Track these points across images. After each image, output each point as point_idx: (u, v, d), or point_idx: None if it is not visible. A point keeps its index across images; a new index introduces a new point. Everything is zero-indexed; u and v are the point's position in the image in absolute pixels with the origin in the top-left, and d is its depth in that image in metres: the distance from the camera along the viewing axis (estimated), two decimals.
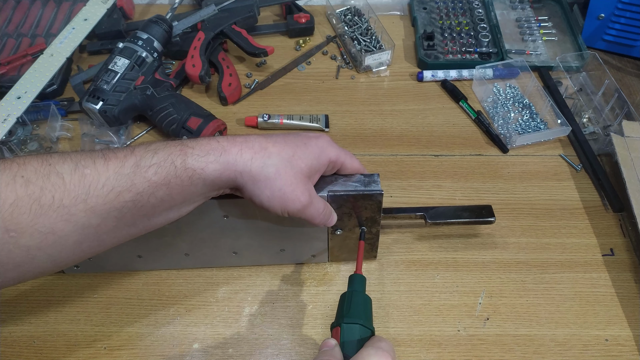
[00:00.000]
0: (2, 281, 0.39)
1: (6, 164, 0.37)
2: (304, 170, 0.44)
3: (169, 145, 0.41)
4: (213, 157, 0.41)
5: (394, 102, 0.74)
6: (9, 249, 0.37)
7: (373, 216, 0.52)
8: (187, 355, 0.52)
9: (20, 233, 0.36)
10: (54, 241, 0.38)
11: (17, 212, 0.36)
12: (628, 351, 0.52)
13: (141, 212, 0.41)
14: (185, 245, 0.55)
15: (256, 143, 0.43)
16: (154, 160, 0.40)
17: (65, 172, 0.38)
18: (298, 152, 0.44)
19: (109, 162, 0.39)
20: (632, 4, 0.74)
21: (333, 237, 0.54)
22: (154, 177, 0.40)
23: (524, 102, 0.73)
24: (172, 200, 0.42)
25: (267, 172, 0.42)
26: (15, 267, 0.38)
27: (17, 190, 0.36)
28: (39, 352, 0.52)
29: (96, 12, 0.76)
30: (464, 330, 0.53)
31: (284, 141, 0.44)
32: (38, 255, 0.38)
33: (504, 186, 0.65)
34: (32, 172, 0.37)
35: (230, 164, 0.42)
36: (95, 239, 0.40)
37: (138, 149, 0.41)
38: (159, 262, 0.56)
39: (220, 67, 0.74)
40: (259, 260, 0.57)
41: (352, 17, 0.83)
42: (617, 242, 0.60)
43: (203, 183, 0.42)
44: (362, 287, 0.46)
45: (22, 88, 0.68)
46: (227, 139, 0.43)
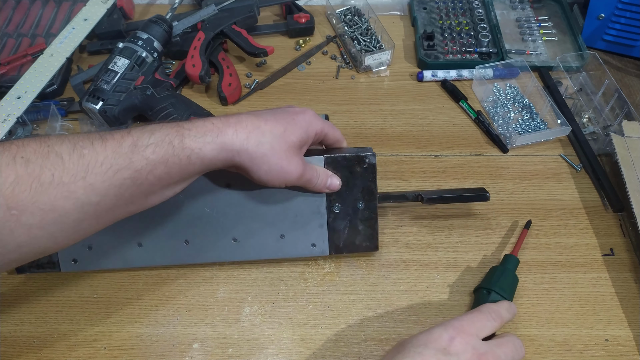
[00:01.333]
0: (4, 263, 0.40)
1: (5, 145, 0.38)
2: (295, 144, 0.48)
3: (165, 127, 0.43)
4: (210, 137, 0.43)
5: (394, 102, 0.74)
6: (10, 228, 0.37)
7: (369, 186, 0.54)
8: (187, 355, 0.52)
9: (21, 211, 0.37)
10: (55, 219, 0.39)
11: (18, 189, 0.37)
12: (628, 351, 0.52)
13: (139, 190, 0.42)
14: (186, 226, 0.55)
15: (249, 122, 0.45)
16: (152, 140, 0.41)
17: (64, 152, 0.39)
18: (289, 128, 0.47)
19: (106, 143, 0.40)
20: (632, 4, 0.74)
21: (333, 217, 0.55)
22: (152, 156, 0.41)
23: (524, 102, 0.73)
24: (170, 178, 0.43)
25: (263, 149, 0.45)
26: (17, 248, 0.39)
27: (17, 170, 0.37)
28: (39, 352, 0.52)
29: (96, 12, 0.76)
30: None
31: (274, 118, 0.47)
32: (39, 235, 0.39)
33: (504, 186, 0.65)
34: (32, 153, 0.38)
35: (227, 144, 0.44)
36: (95, 217, 0.41)
37: (134, 130, 0.42)
38: (159, 251, 0.55)
39: (220, 67, 0.74)
40: (259, 251, 0.55)
41: (352, 17, 0.83)
42: (617, 242, 0.60)
43: (201, 162, 0.44)
44: (514, 268, 0.55)
45: (22, 88, 0.68)
46: (221, 120, 0.45)
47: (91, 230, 0.43)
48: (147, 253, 0.55)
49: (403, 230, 0.61)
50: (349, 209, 0.55)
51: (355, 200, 0.54)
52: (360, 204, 0.54)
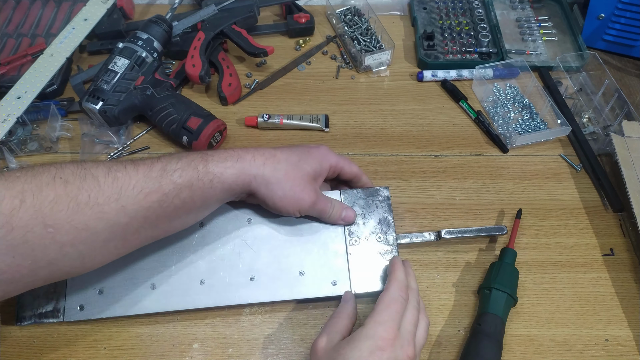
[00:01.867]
0: (34, 280, 0.42)
1: (45, 167, 0.41)
2: (310, 173, 0.51)
3: (191, 153, 0.47)
4: (230, 162, 0.47)
5: (394, 102, 0.74)
6: (45, 245, 0.39)
7: (386, 217, 0.56)
8: (187, 355, 0.52)
9: (57, 229, 0.39)
10: (86, 238, 0.41)
11: (57, 208, 0.39)
12: (628, 351, 0.52)
13: (165, 213, 0.45)
14: (203, 265, 0.53)
15: (266, 151, 0.50)
16: (179, 165, 0.45)
17: (100, 174, 0.42)
18: (303, 158, 0.51)
19: (138, 167, 0.44)
20: (632, 4, 0.74)
21: (353, 250, 0.54)
22: (179, 180, 0.45)
23: (524, 102, 0.73)
24: (193, 202, 0.47)
25: (278, 175, 0.49)
26: (48, 264, 0.41)
27: (56, 189, 0.40)
28: (39, 352, 0.52)
29: (96, 12, 0.76)
30: (464, 330, 0.53)
31: (290, 149, 0.51)
32: (70, 252, 0.41)
33: (504, 186, 0.65)
34: (70, 174, 0.41)
35: (245, 169, 0.48)
36: (122, 238, 0.44)
37: (163, 157, 0.46)
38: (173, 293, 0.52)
39: (220, 67, 0.74)
40: (276, 291, 0.52)
41: (352, 17, 0.83)
42: (617, 242, 0.60)
43: (222, 186, 0.47)
44: (512, 261, 0.55)
45: (22, 88, 0.68)
46: (241, 149, 0.49)
47: (117, 252, 0.45)
48: (161, 295, 0.52)
49: (403, 230, 0.61)
50: (368, 242, 0.55)
51: (372, 233, 0.55)
52: (378, 237, 0.55)
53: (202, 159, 0.47)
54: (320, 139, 0.70)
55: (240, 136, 0.70)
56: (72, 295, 0.52)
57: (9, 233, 0.38)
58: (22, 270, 0.40)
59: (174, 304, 0.52)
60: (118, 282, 0.53)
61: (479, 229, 0.58)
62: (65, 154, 0.69)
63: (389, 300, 0.45)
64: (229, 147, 0.51)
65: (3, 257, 0.38)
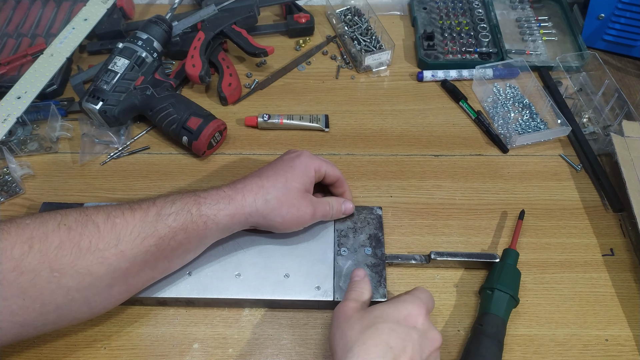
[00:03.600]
0: (44, 324, 0.44)
1: (51, 214, 0.44)
2: (300, 188, 0.52)
3: (185, 196, 0.49)
4: (223, 205, 0.49)
5: (394, 102, 0.74)
6: (52, 289, 0.42)
7: (376, 234, 0.57)
8: (187, 355, 0.52)
9: (62, 274, 0.42)
10: (90, 283, 0.44)
11: (61, 254, 0.42)
12: (628, 351, 0.52)
13: (162, 255, 0.47)
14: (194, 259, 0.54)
15: (254, 184, 0.51)
16: (173, 209, 0.47)
17: (100, 221, 0.44)
18: (289, 177, 0.52)
19: (135, 212, 0.46)
20: (632, 4, 0.74)
21: (339, 260, 0.55)
22: (174, 223, 0.47)
23: (524, 102, 0.73)
24: (189, 243, 0.49)
25: (272, 205, 0.50)
26: (55, 309, 0.43)
27: (61, 236, 0.43)
28: (39, 352, 0.52)
29: (96, 12, 0.76)
30: (465, 331, 0.53)
31: (275, 172, 0.52)
32: (76, 297, 0.43)
33: (504, 186, 0.65)
34: (73, 221, 0.44)
35: (238, 209, 0.49)
36: (124, 281, 0.46)
37: (159, 200, 0.48)
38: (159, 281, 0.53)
39: (220, 67, 0.74)
40: (260, 290, 0.53)
41: (352, 17, 0.83)
42: (617, 242, 0.60)
43: (217, 227, 0.49)
44: (515, 261, 0.55)
45: (22, 88, 0.68)
46: (232, 188, 0.51)
47: (120, 297, 0.48)
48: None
49: (403, 230, 0.61)
50: (356, 254, 0.56)
51: (362, 246, 0.57)
52: (367, 249, 0.56)
53: (195, 201, 0.48)
54: (320, 139, 0.70)
55: (240, 136, 0.70)
56: None
57: (19, 276, 0.41)
58: (32, 313, 0.42)
59: (159, 292, 0.53)
60: None
61: (470, 253, 0.57)
62: (65, 154, 0.69)
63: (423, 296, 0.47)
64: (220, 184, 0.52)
65: (15, 299, 0.41)
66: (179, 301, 0.54)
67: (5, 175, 0.64)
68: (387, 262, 0.57)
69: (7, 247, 0.41)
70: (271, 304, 0.54)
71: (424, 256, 0.57)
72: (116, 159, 0.68)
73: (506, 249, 0.56)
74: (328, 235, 0.57)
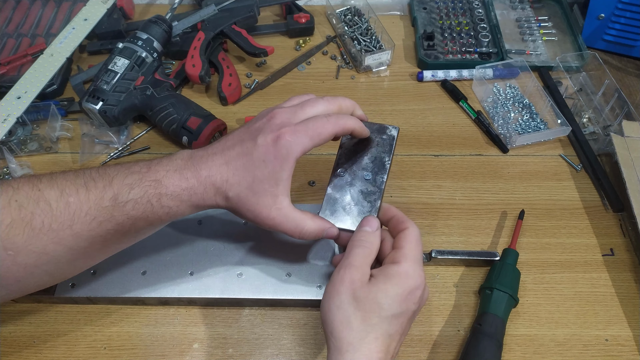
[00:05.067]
0: (7, 293, 0.43)
1: (3, 187, 0.41)
2: (268, 192, 0.44)
3: (143, 181, 0.43)
4: (186, 196, 0.44)
5: (394, 102, 0.74)
6: (7, 266, 0.40)
7: (382, 157, 0.50)
8: (187, 355, 0.52)
9: (16, 252, 0.40)
10: (48, 260, 0.42)
11: (13, 233, 0.40)
12: (628, 351, 0.52)
13: (125, 236, 0.45)
14: (195, 258, 0.55)
15: (218, 176, 0.44)
16: (131, 196, 0.43)
17: (52, 199, 0.41)
18: (258, 174, 0.44)
19: (89, 193, 0.42)
20: (632, 4, 0.74)
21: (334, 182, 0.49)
22: (132, 212, 0.43)
23: (524, 102, 0.73)
24: (153, 227, 0.46)
25: (232, 203, 0.45)
26: (15, 282, 0.42)
27: (12, 214, 0.40)
28: (39, 352, 0.52)
29: (96, 12, 0.76)
30: (464, 331, 0.53)
31: (243, 166, 0.44)
32: (35, 272, 0.42)
33: (504, 186, 0.65)
34: (24, 197, 0.41)
35: (200, 204, 0.45)
36: (86, 257, 0.44)
37: (115, 180, 0.43)
38: (162, 281, 0.54)
39: (220, 67, 0.74)
40: (261, 289, 0.53)
41: (352, 17, 0.83)
42: (617, 242, 0.60)
43: (181, 215, 0.45)
44: (514, 261, 0.55)
45: (22, 88, 0.68)
46: (194, 174, 0.44)
47: (86, 266, 0.46)
48: (151, 282, 0.54)
49: None
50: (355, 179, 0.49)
51: (363, 169, 0.50)
52: (367, 174, 0.49)
53: (155, 191, 0.43)
54: None
55: None
56: None
57: None
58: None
59: (162, 292, 0.53)
60: (112, 265, 0.54)
61: (470, 252, 0.57)
62: (65, 154, 0.69)
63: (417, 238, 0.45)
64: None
65: None
66: (181, 301, 0.54)
67: (5, 175, 0.64)
68: None
69: None
70: (273, 303, 0.54)
71: (425, 254, 0.57)
72: (116, 159, 0.68)
73: (506, 249, 0.56)
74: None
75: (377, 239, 0.45)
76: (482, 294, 0.54)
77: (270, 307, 0.55)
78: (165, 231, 0.54)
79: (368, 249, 0.44)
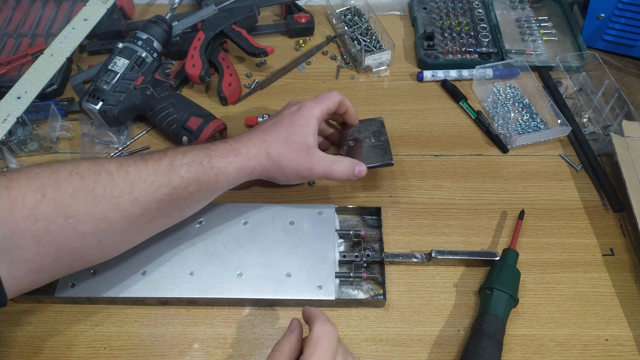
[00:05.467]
0: (57, 269, 0.45)
1: (62, 164, 0.44)
2: (300, 143, 0.54)
3: (196, 149, 0.50)
4: (232, 158, 0.51)
5: (394, 102, 0.74)
6: (67, 235, 0.43)
7: (379, 130, 0.64)
8: (187, 355, 0.52)
9: (77, 220, 0.43)
10: (105, 228, 0.45)
11: (76, 201, 0.43)
12: (628, 351, 0.52)
13: (175, 204, 0.49)
14: (195, 258, 0.56)
15: (257, 138, 0.53)
16: (185, 160, 0.49)
17: (113, 169, 0.45)
18: (290, 131, 0.54)
19: (147, 162, 0.47)
20: (632, 4, 0.74)
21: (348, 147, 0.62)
22: (186, 174, 0.48)
23: (524, 102, 0.73)
24: (201, 193, 0.50)
25: (273, 158, 0.53)
26: (70, 253, 0.44)
27: (74, 184, 0.43)
28: (39, 352, 0.52)
29: (96, 12, 0.76)
30: (464, 331, 0.53)
31: (277, 127, 0.54)
32: (90, 242, 0.45)
33: (504, 186, 0.65)
34: (85, 170, 0.44)
35: (244, 162, 0.52)
36: (137, 227, 0.48)
37: (169, 151, 0.49)
38: (161, 281, 0.54)
39: (220, 67, 0.74)
40: (261, 289, 0.54)
41: (352, 17, 0.83)
42: (617, 242, 0.60)
43: (227, 179, 0.51)
44: (514, 261, 0.55)
45: (22, 88, 0.68)
46: (238, 141, 0.53)
47: (133, 240, 0.49)
48: (150, 282, 0.54)
49: (403, 230, 0.61)
50: (364, 142, 0.62)
51: (366, 137, 0.62)
52: (372, 139, 0.62)
53: (205, 154, 0.50)
54: None
55: None
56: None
57: (33, 225, 0.41)
58: (46, 260, 0.43)
59: (161, 291, 0.53)
60: (112, 266, 0.54)
61: (470, 252, 0.57)
62: (66, 154, 0.69)
63: (317, 340, 0.41)
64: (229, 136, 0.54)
65: (29, 247, 0.41)
66: (181, 301, 0.54)
67: None
68: (388, 261, 0.57)
69: (19, 197, 0.41)
70: (273, 303, 0.54)
71: (425, 254, 0.57)
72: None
73: (506, 249, 0.56)
74: (329, 235, 0.57)
75: (294, 340, 0.43)
76: (482, 294, 0.54)
77: (270, 307, 0.55)
78: (165, 231, 0.54)
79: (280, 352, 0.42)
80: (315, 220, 0.58)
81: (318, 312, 0.43)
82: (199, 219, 0.58)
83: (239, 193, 0.64)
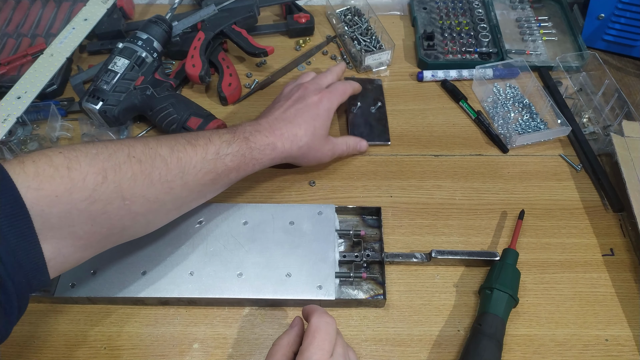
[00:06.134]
0: (105, 244, 0.47)
1: (117, 145, 0.46)
2: (324, 135, 0.62)
3: (238, 139, 0.54)
4: (268, 151, 0.56)
5: (394, 102, 0.74)
6: (121, 215, 0.45)
7: (378, 97, 0.73)
8: (187, 355, 0.52)
9: (133, 201, 0.45)
10: (155, 208, 0.48)
11: (134, 184, 0.45)
12: (628, 351, 0.52)
13: (214, 187, 0.54)
14: (195, 258, 0.56)
15: (289, 132, 0.58)
16: (229, 150, 0.53)
17: (166, 154, 0.48)
18: (317, 125, 0.60)
19: (196, 149, 0.50)
20: (632, 4, 0.74)
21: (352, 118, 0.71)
22: (230, 163, 0.53)
23: (524, 102, 0.73)
24: (237, 178, 0.55)
25: (302, 151, 0.59)
26: (120, 230, 0.47)
27: (132, 168, 0.45)
28: (39, 352, 0.52)
29: (96, 12, 0.76)
30: (464, 331, 0.53)
31: (305, 121, 0.59)
32: (140, 220, 0.48)
33: (504, 186, 0.65)
34: (141, 153, 0.46)
35: (278, 154, 0.57)
36: (179, 207, 0.52)
37: (214, 137, 0.53)
38: (161, 281, 0.54)
39: (220, 67, 0.74)
40: (261, 289, 0.54)
41: (352, 17, 0.83)
42: (617, 242, 0.60)
43: (260, 167, 0.57)
44: (514, 261, 0.55)
45: (22, 88, 0.68)
46: (272, 134, 0.57)
47: (172, 217, 0.52)
48: (150, 282, 0.54)
49: (403, 230, 0.61)
50: (365, 110, 0.71)
51: (368, 105, 0.71)
52: (372, 109, 0.71)
53: (247, 147, 0.54)
54: None
55: None
56: (66, 273, 0.54)
57: (90, 205, 0.42)
58: (97, 237, 0.45)
59: (161, 291, 0.54)
60: (112, 265, 0.55)
61: (470, 252, 0.57)
62: None
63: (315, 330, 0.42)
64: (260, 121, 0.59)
65: (82, 225, 0.43)
66: (181, 301, 0.54)
67: None
68: (388, 261, 0.57)
69: (79, 178, 0.42)
70: (273, 303, 0.54)
71: (425, 254, 0.57)
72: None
73: (506, 249, 0.57)
74: (329, 235, 0.57)
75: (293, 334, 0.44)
76: (482, 294, 0.54)
77: (270, 307, 0.55)
78: (165, 231, 0.54)
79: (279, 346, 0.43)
80: (315, 220, 0.58)
81: (316, 307, 0.45)
82: (199, 219, 0.59)
83: (239, 193, 0.64)
